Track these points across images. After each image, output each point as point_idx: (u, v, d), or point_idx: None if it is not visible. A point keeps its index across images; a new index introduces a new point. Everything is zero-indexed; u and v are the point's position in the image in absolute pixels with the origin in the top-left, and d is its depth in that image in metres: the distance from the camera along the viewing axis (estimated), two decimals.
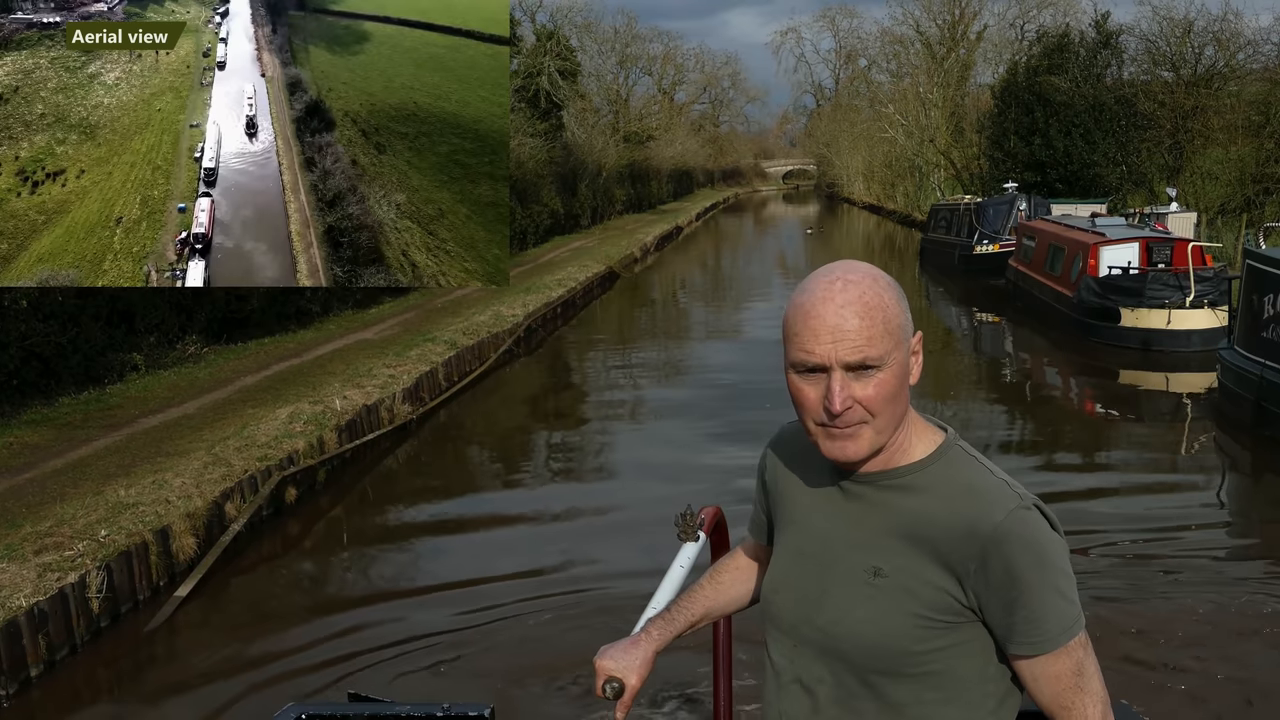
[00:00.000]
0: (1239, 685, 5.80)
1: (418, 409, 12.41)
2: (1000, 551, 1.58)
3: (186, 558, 7.57)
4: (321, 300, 18.87)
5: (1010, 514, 1.60)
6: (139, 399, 12.34)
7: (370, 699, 2.95)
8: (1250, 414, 11.39)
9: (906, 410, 1.70)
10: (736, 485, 9.17)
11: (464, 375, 14.73)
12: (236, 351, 15.49)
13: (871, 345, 1.60)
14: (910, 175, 53.71)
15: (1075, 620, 1.61)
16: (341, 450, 10.32)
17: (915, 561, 1.65)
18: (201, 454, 9.48)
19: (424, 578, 8.03)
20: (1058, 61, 34.31)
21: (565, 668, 6.12)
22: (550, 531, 9.01)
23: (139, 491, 8.24)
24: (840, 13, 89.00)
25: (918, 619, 1.64)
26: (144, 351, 14.10)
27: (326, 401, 11.46)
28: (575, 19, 54.25)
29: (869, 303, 1.61)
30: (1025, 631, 1.60)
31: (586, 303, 24.62)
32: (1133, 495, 9.66)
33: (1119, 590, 7.20)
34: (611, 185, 49.15)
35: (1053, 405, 14.44)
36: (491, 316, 18.43)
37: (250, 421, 10.73)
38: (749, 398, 13.72)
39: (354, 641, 6.74)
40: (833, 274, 1.65)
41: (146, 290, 14.17)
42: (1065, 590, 1.61)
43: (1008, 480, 1.67)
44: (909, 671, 1.66)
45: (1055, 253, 19.51)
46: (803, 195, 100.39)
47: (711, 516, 2.63)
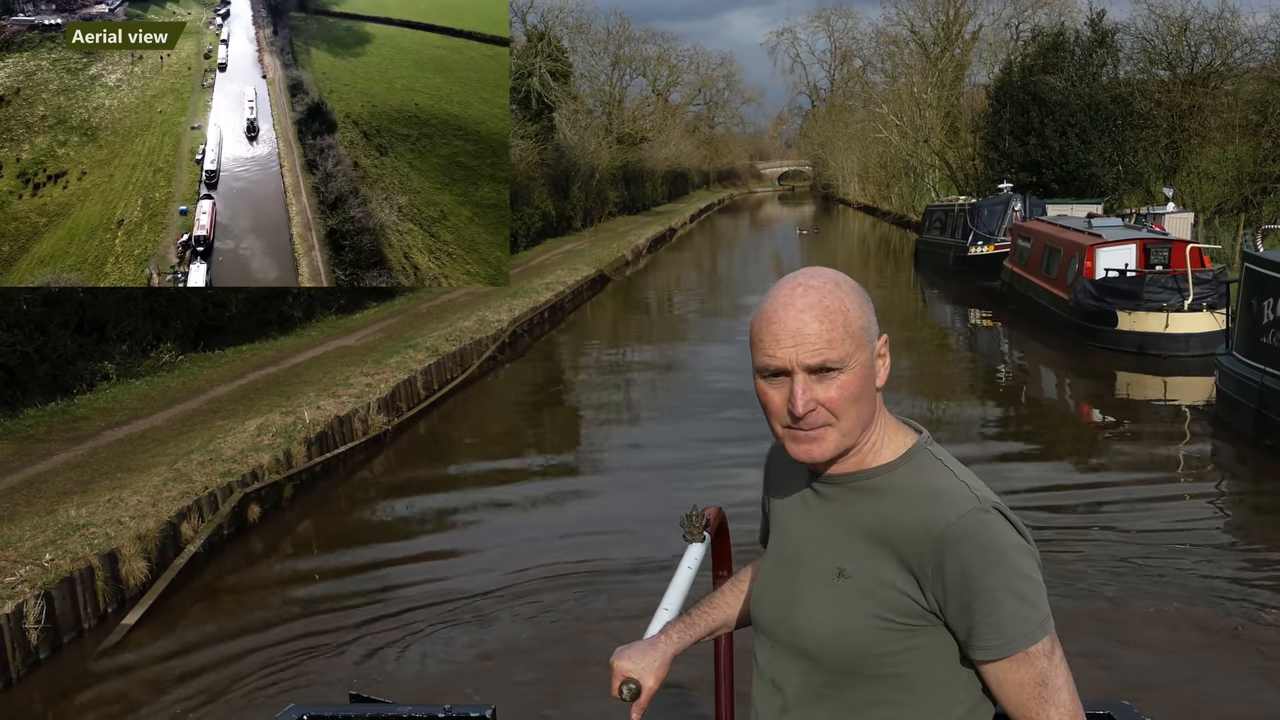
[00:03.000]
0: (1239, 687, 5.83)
1: (393, 420, 12.04)
2: (955, 553, 1.58)
3: (137, 583, 7.21)
4: (304, 305, 18.47)
5: (964, 516, 1.60)
6: (106, 410, 11.98)
7: (372, 699, 3.01)
8: (1251, 422, 11.05)
9: (875, 412, 1.72)
10: (724, 495, 8.81)
11: (444, 383, 14.35)
12: (213, 359, 15.14)
13: (832, 348, 1.63)
14: (905, 176, 53.37)
15: (1037, 626, 1.59)
16: (310, 464, 9.96)
17: (877, 563, 1.66)
18: (163, 469, 9.13)
19: (393, 601, 7.65)
20: (1053, 60, 33.94)
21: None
22: (529, 550, 8.63)
23: (92, 511, 7.88)
24: (835, 13, 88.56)
25: (878, 620, 1.65)
26: (116, 360, 13.73)
27: (299, 412, 11.10)
28: (567, 20, 53.87)
29: (829, 306, 1.64)
30: (982, 635, 1.59)
31: (576, 307, 24.27)
32: (1129, 504, 9.37)
33: (1115, 599, 7.05)
34: (605, 187, 48.76)
35: (1047, 411, 14.10)
36: (476, 322, 18.07)
37: (218, 434, 10.38)
38: (736, 401, 13.39)
39: (317, 670, 6.39)
40: (795, 280, 1.69)
41: (119, 296, 13.85)
42: (1026, 594, 1.59)
43: (969, 483, 1.67)
44: (871, 673, 1.67)
45: (1051, 254, 19.17)
46: (798, 196, 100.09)
47: (715, 517, 2.63)
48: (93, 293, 13.43)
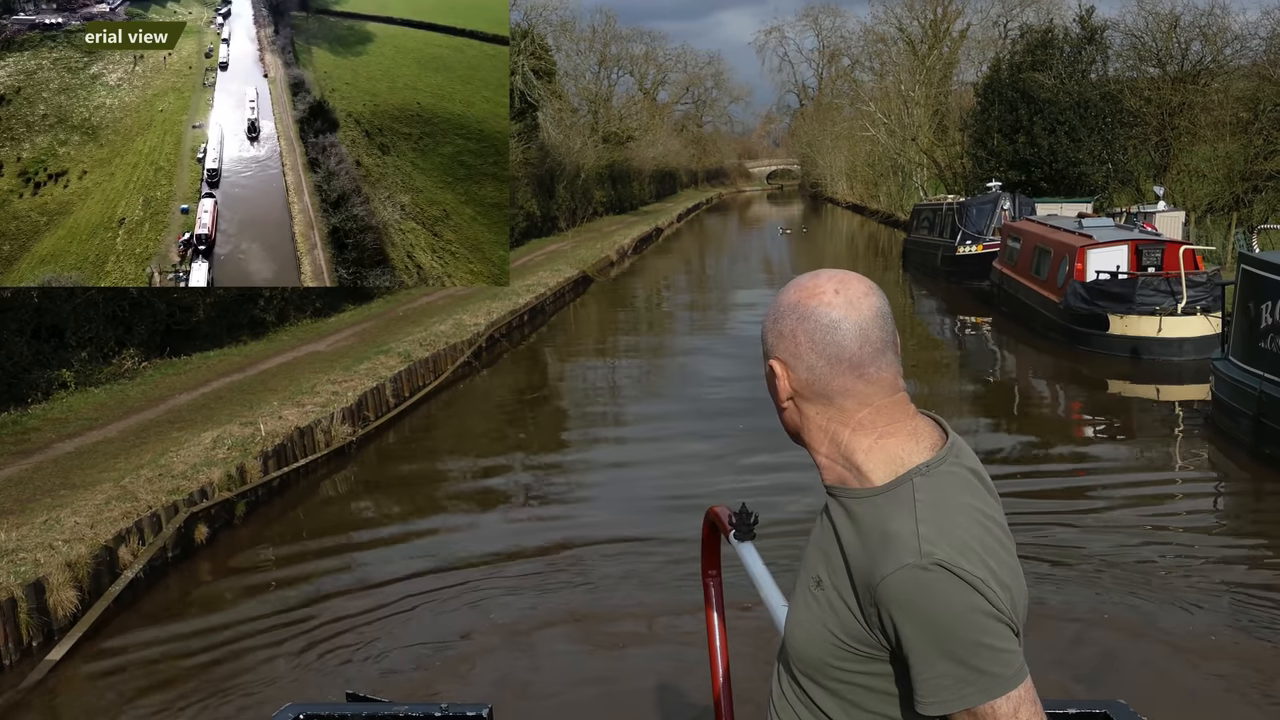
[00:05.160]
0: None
1: (358, 430, 11.56)
2: (886, 608, 1.54)
3: (66, 613, 6.72)
4: (277, 309, 17.94)
5: (898, 571, 1.52)
6: (59, 420, 11.49)
7: (368, 699, 3.00)
8: (1249, 430, 10.65)
9: (837, 435, 1.69)
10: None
11: (415, 391, 13.87)
12: (177, 366, 14.64)
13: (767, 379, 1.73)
14: (893, 175, 53.05)
15: (983, 690, 1.49)
16: (266, 479, 9.48)
17: (843, 585, 1.64)
18: (109, 486, 8.65)
19: (347, 627, 7.18)
20: (1042, 57, 33.58)
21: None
22: (495, 576, 8.18)
23: (24, 534, 7.40)
24: (823, 11, 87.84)
25: (835, 638, 1.64)
26: (74, 368, 13.23)
27: (259, 423, 10.62)
28: (550, 17, 53.29)
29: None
30: (918, 690, 1.54)
31: (557, 309, 23.79)
32: (1122, 516, 9.03)
33: (1112, 607, 6.96)
34: (590, 186, 48.27)
35: (1036, 418, 13.68)
36: (453, 326, 17.59)
37: (172, 447, 9.90)
38: (726, 410, 12.98)
39: (263, 706, 5.92)
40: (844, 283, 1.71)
41: (79, 301, 13.37)
42: (965, 658, 1.49)
43: (921, 532, 1.53)
44: (830, 685, 1.67)
45: (1041, 255, 18.74)
46: (787, 195, 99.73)
47: (722, 516, 2.65)
48: (50, 297, 12.95)
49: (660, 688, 5.96)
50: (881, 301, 1.68)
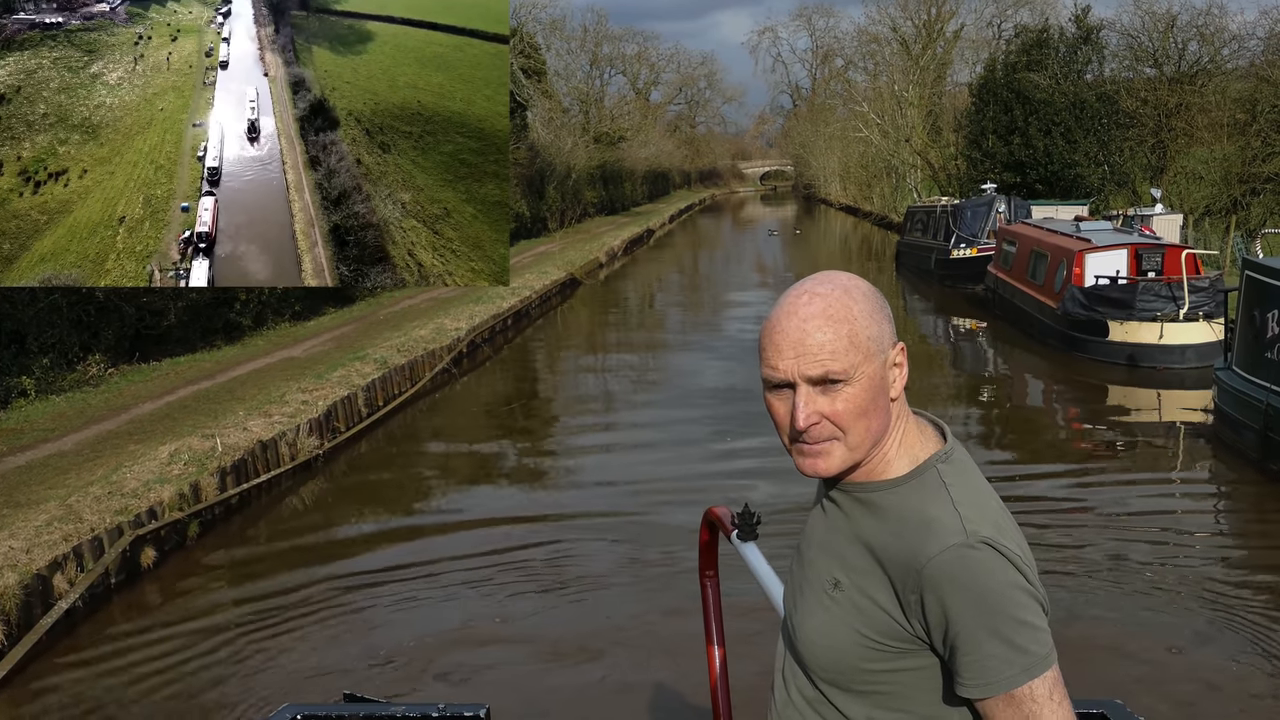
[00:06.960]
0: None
1: (326, 443, 11.06)
2: (934, 590, 1.52)
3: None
4: (254, 313, 17.44)
5: (946, 551, 1.52)
6: (14, 431, 11.00)
7: (365, 699, 3.02)
8: (1254, 444, 10.21)
9: (888, 424, 1.65)
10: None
11: (390, 399, 13.38)
12: (145, 373, 14.14)
13: (835, 359, 1.58)
14: (887, 176, 52.61)
15: (1023, 670, 1.50)
16: (223, 497, 8.99)
17: (870, 582, 1.61)
18: (53, 505, 8.16)
19: (307, 656, 6.71)
20: (1037, 58, 33.16)
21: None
22: (474, 599, 7.71)
23: None
24: (817, 12, 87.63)
25: (864, 638, 1.61)
26: (35, 375, 12.74)
27: (222, 435, 10.13)
28: (540, 16, 52.79)
29: (833, 315, 1.60)
30: (964, 672, 1.53)
31: (543, 313, 23.30)
32: (1121, 525, 8.78)
33: (1109, 614, 6.94)
34: (581, 187, 47.78)
35: (1033, 428, 13.23)
36: (433, 330, 17.10)
37: (126, 461, 9.42)
38: (710, 419, 12.54)
39: None
40: (803, 287, 1.65)
41: (42, 306, 12.89)
42: (1010, 635, 1.50)
43: (963, 512, 1.56)
44: (858, 688, 1.64)
45: (1038, 259, 18.29)
46: (780, 196, 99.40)
47: (724, 517, 2.64)
48: (10, 301, 12.47)
49: (657, 688, 5.99)
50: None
